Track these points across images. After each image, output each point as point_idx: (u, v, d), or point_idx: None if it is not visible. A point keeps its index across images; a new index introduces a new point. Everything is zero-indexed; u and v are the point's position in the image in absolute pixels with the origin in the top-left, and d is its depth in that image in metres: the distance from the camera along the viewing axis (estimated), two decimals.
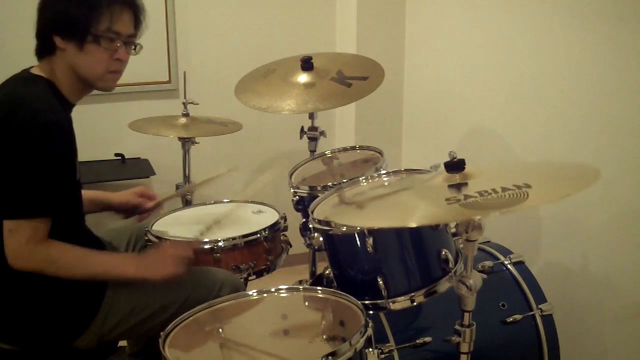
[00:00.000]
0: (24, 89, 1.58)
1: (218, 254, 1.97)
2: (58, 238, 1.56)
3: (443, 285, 1.62)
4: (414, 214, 1.33)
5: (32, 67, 1.65)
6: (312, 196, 2.02)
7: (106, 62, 1.61)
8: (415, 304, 1.62)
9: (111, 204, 2.02)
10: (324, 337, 1.46)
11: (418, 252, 1.64)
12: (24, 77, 1.63)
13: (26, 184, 1.49)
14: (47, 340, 1.62)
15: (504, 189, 1.29)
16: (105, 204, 2.00)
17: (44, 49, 1.62)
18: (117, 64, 1.64)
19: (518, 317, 1.82)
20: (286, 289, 1.63)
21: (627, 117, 1.99)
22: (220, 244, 1.99)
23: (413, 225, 1.29)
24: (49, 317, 1.60)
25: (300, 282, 2.44)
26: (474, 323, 1.47)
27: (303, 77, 2.40)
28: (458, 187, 1.38)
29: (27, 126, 1.47)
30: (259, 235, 2.06)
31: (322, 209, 1.84)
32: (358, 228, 1.59)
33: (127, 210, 2.06)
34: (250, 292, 1.63)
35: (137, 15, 1.65)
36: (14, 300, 1.60)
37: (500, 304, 1.84)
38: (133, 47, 1.67)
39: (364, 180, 1.95)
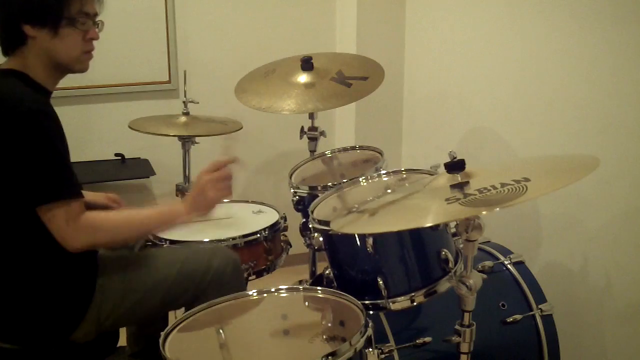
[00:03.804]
0: None
1: None
2: None
3: (443, 285, 1.62)
4: (428, 215, 1.34)
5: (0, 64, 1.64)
6: (312, 196, 2.03)
7: (81, 44, 1.62)
8: (415, 304, 1.61)
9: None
10: (324, 337, 1.46)
11: (418, 252, 1.64)
12: None
13: (37, 170, 1.49)
14: (45, 335, 1.61)
15: (503, 185, 1.29)
16: None
17: (13, 41, 1.59)
18: (90, 43, 1.65)
19: (518, 317, 1.82)
20: (286, 289, 1.62)
21: (626, 117, 1.99)
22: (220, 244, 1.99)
23: (429, 224, 1.31)
24: (45, 311, 1.60)
25: (300, 282, 2.44)
26: (474, 323, 1.47)
27: (303, 77, 2.40)
28: (460, 186, 1.38)
29: (14, 116, 1.47)
30: (259, 235, 2.06)
31: (323, 210, 1.84)
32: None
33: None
34: (250, 292, 1.63)
35: None
36: (9, 297, 1.60)
37: (500, 304, 1.84)
38: (97, 25, 1.67)
39: (363, 180, 1.95)
